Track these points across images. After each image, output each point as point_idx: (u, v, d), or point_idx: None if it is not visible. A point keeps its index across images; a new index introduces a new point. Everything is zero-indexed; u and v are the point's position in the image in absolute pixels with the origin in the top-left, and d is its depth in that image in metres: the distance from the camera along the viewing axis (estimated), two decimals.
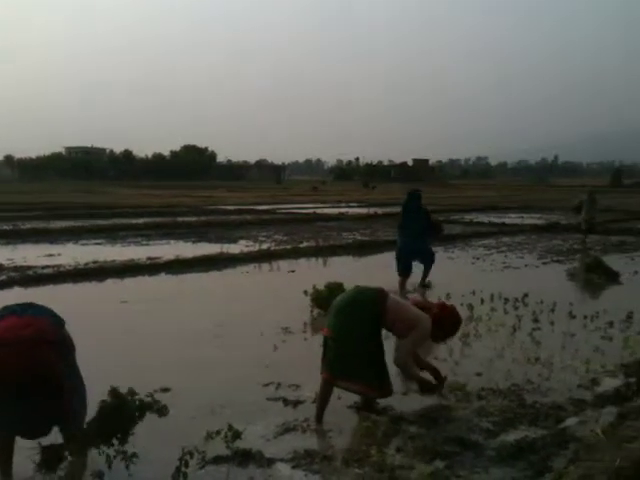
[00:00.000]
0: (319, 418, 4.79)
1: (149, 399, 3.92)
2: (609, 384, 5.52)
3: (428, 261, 10.82)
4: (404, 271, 10.67)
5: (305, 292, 8.61)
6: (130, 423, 3.80)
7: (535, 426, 4.60)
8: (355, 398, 5.07)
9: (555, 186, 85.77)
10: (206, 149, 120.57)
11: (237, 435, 4.09)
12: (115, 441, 3.77)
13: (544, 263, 13.60)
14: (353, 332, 4.81)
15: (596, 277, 11.30)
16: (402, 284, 10.48)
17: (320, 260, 13.81)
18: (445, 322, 5.12)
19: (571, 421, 4.67)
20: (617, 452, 3.73)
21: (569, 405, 5.04)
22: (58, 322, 3.86)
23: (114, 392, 3.84)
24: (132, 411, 3.82)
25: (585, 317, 8.03)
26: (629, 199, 38.03)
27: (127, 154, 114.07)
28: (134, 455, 3.77)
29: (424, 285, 10.69)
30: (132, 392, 3.88)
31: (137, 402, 3.85)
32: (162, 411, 3.93)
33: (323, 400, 4.87)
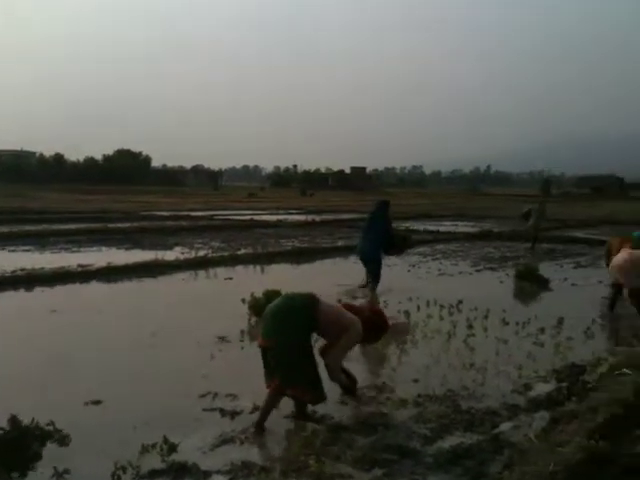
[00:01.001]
0: (260, 427, 4.71)
1: (50, 428, 3.77)
2: (541, 389, 5.67)
3: (374, 275, 10.88)
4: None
5: (243, 300, 8.53)
6: (32, 455, 3.63)
7: (471, 432, 4.67)
8: (292, 407, 5.03)
9: (488, 195, 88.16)
10: (140, 153, 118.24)
11: (173, 448, 4.01)
12: (15, 474, 3.61)
13: (477, 270, 13.90)
14: (288, 339, 4.79)
15: (528, 284, 11.63)
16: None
17: (258, 267, 13.71)
18: (377, 325, 5.30)
19: (505, 426, 4.77)
20: (550, 456, 3.82)
21: (503, 410, 5.14)
22: None
23: (14, 421, 3.67)
24: (31, 441, 3.65)
25: (517, 323, 8.22)
26: (557, 208, 39.34)
27: (58, 157, 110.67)
28: (66, 471, 3.62)
29: (364, 286, 10.84)
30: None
31: (37, 432, 3.69)
32: (63, 441, 3.78)
33: (269, 410, 4.81)
